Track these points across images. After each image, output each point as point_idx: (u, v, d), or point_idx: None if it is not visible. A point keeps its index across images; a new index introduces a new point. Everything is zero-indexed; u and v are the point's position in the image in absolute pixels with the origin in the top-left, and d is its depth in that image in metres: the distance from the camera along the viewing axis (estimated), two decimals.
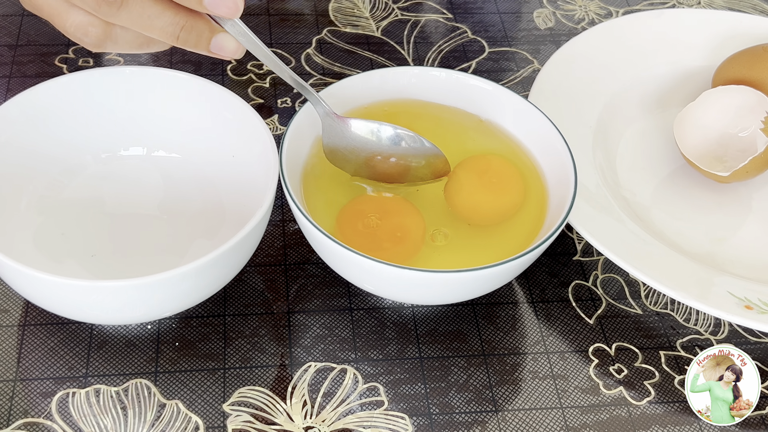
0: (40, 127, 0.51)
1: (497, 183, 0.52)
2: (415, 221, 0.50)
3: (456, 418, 0.47)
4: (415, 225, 0.50)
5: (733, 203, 0.59)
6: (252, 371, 0.48)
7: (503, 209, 0.52)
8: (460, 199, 0.52)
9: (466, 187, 0.52)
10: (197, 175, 0.54)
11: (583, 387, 0.50)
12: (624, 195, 0.58)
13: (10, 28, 0.64)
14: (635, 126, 0.63)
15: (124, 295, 0.43)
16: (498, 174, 0.53)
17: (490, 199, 0.52)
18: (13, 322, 0.49)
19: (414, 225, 0.50)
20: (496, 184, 0.52)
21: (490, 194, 0.52)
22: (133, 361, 0.48)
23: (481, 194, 0.52)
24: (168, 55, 0.64)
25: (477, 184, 0.52)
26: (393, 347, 0.50)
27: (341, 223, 0.50)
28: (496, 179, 0.52)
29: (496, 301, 0.53)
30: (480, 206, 0.52)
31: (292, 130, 0.50)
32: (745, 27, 0.67)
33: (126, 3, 0.43)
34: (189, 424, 0.46)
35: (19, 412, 0.45)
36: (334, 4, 0.71)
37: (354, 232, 0.49)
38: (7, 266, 0.42)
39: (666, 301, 0.54)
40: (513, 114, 0.55)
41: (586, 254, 0.56)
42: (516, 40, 0.70)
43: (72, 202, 0.52)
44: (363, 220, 0.50)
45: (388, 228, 0.50)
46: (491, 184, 0.52)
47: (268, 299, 0.51)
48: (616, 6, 0.74)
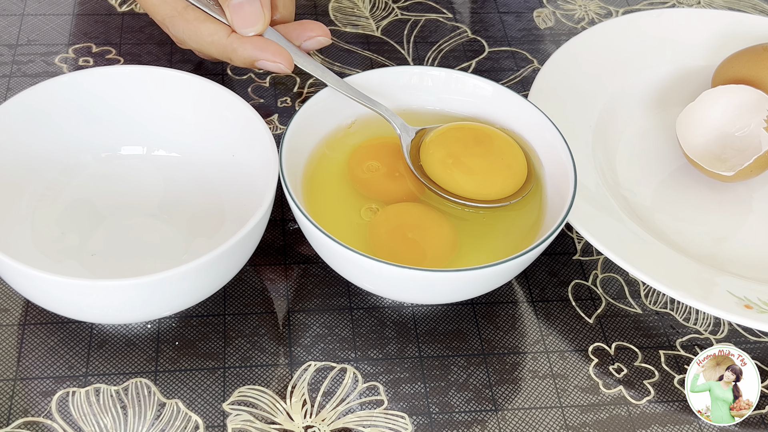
0: (40, 127, 0.51)
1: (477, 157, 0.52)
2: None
3: (456, 418, 0.47)
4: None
5: (733, 203, 0.59)
6: (252, 370, 0.48)
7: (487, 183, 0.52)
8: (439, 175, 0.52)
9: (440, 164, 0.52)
10: (197, 175, 0.54)
11: (583, 386, 0.50)
12: (624, 194, 0.58)
13: (10, 28, 0.64)
14: (635, 125, 0.63)
15: (124, 295, 0.43)
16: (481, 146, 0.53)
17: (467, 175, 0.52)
18: (13, 322, 0.49)
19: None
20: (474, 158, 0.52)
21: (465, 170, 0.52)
22: (133, 360, 0.48)
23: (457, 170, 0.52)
24: (168, 55, 0.64)
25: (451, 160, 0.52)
26: (393, 346, 0.50)
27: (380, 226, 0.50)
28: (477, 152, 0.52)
29: (496, 300, 0.53)
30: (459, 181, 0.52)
31: (292, 130, 0.50)
32: (745, 27, 0.67)
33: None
34: (189, 423, 0.46)
35: (19, 411, 0.45)
36: (334, 3, 0.71)
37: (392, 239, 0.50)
38: (7, 265, 0.42)
39: (666, 300, 0.54)
40: (513, 114, 0.55)
41: (585, 254, 0.56)
42: (516, 39, 0.70)
43: (72, 202, 0.52)
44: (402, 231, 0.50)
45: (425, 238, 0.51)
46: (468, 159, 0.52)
47: (268, 299, 0.51)
48: (616, 6, 0.74)
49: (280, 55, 0.53)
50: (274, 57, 0.53)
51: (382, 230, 0.50)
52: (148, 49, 0.64)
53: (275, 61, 0.53)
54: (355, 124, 0.55)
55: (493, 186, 0.52)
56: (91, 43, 0.64)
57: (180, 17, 0.54)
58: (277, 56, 0.53)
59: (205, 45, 0.54)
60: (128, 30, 0.66)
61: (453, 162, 0.51)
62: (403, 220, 0.51)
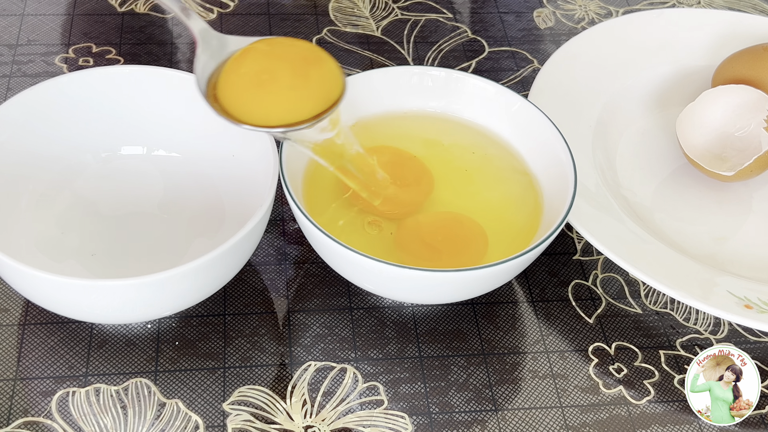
0: (40, 127, 0.51)
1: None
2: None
3: (456, 417, 0.47)
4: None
5: (733, 203, 0.59)
6: (252, 370, 0.48)
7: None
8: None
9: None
10: (197, 175, 0.54)
11: (583, 386, 0.50)
12: (624, 194, 0.58)
13: (10, 28, 0.64)
14: (635, 125, 0.63)
15: (124, 295, 0.43)
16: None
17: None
18: (13, 321, 0.49)
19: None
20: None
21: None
22: (133, 360, 0.48)
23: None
24: (168, 55, 0.64)
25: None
26: (393, 346, 0.50)
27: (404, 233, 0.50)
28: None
29: (496, 300, 0.53)
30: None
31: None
32: (745, 27, 0.67)
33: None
34: (189, 423, 0.46)
35: (19, 411, 0.45)
36: (334, 3, 0.71)
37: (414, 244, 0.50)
38: (7, 265, 0.42)
39: (666, 300, 0.54)
40: (513, 114, 0.55)
41: (585, 253, 0.56)
42: (516, 39, 0.70)
43: (72, 202, 0.52)
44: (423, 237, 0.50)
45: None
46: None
47: (268, 298, 0.51)
48: (616, 6, 0.74)
49: None
50: None
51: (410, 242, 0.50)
52: (148, 49, 0.64)
53: None
54: (357, 125, 0.55)
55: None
56: (91, 43, 0.64)
57: None
58: None
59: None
60: (128, 30, 0.66)
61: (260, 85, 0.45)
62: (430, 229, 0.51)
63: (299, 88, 0.45)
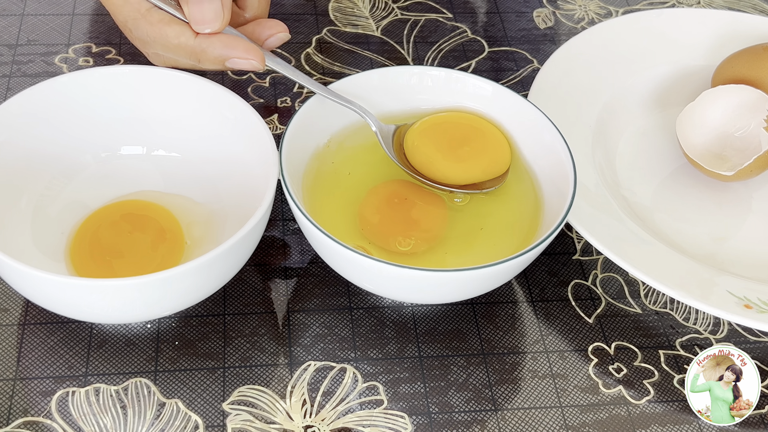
0: (40, 127, 0.51)
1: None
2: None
3: (455, 417, 0.47)
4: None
5: (733, 203, 0.59)
6: (251, 370, 0.48)
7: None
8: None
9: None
10: (197, 175, 0.54)
11: (583, 386, 0.50)
12: (624, 194, 0.58)
13: (10, 28, 0.64)
14: (635, 125, 0.63)
15: (124, 295, 0.43)
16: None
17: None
18: (13, 321, 0.49)
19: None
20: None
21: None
22: (133, 360, 0.48)
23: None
24: None
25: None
26: (392, 346, 0.50)
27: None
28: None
29: (496, 300, 0.53)
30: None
31: (292, 129, 0.50)
32: (745, 27, 0.67)
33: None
34: (188, 423, 0.46)
35: (19, 410, 0.45)
36: (334, 3, 0.71)
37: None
38: (7, 265, 0.42)
39: (665, 300, 0.54)
40: (513, 113, 0.55)
41: (585, 253, 0.56)
42: (516, 39, 0.70)
43: (72, 202, 0.52)
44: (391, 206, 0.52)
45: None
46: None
47: (268, 299, 0.51)
48: (616, 6, 0.74)
49: (252, 52, 0.50)
50: (246, 54, 0.50)
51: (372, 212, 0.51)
52: None
53: (247, 57, 0.50)
54: (357, 125, 0.55)
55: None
56: (91, 43, 0.64)
57: (144, 19, 0.51)
58: (248, 53, 0.50)
59: (171, 48, 0.51)
60: None
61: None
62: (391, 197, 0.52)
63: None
